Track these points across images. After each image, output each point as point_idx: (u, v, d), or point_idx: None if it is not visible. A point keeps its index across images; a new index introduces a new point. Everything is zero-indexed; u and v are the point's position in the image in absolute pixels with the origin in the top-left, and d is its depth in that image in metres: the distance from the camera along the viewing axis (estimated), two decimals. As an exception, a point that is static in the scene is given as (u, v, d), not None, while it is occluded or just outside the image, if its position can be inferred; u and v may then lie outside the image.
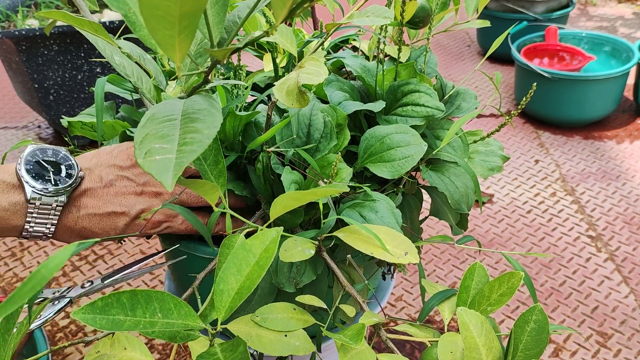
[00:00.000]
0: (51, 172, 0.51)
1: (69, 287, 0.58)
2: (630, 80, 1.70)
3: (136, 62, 0.53)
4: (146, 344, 0.95)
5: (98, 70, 1.40)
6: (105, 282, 0.59)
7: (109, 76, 0.63)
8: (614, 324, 0.98)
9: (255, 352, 0.59)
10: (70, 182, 0.51)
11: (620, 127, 1.57)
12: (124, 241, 0.70)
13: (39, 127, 1.63)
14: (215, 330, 0.41)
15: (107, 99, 0.66)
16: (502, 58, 1.92)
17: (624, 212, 1.25)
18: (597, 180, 1.35)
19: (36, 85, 1.35)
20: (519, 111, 0.58)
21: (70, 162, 0.53)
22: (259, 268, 0.40)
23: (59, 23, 1.27)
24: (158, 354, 0.94)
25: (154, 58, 0.66)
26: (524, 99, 0.58)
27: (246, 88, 0.62)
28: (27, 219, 0.50)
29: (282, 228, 0.42)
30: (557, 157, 1.45)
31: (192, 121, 0.34)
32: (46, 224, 0.52)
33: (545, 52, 1.69)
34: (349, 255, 0.55)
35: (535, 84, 0.64)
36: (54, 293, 0.58)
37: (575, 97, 1.50)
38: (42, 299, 0.57)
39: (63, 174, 0.52)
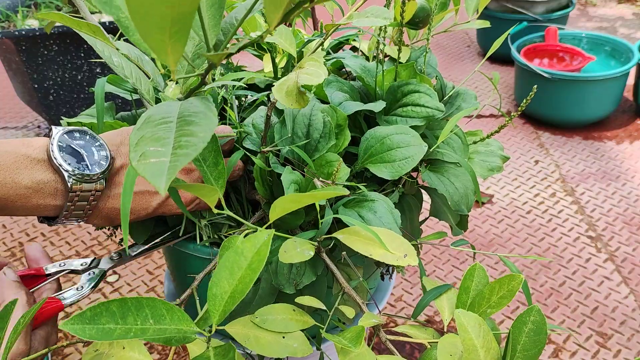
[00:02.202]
0: (85, 157, 0.48)
1: (94, 258, 0.57)
2: (630, 80, 1.70)
3: (134, 64, 0.53)
4: (145, 344, 0.95)
5: (98, 70, 1.40)
6: (134, 253, 0.58)
7: (109, 76, 0.63)
8: (613, 324, 0.98)
9: (253, 353, 0.59)
10: (106, 164, 0.48)
11: (620, 128, 1.57)
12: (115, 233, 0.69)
13: (38, 127, 1.63)
14: (210, 333, 0.41)
15: (107, 99, 0.66)
16: (502, 58, 1.92)
17: (623, 213, 1.24)
18: (597, 181, 1.35)
19: (36, 85, 1.35)
20: (519, 113, 0.58)
21: (99, 142, 0.50)
22: (251, 272, 0.40)
23: (59, 23, 1.26)
24: (158, 354, 0.94)
25: (153, 60, 0.66)
26: (525, 100, 0.58)
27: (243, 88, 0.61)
28: (66, 207, 0.47)
29: (273, 231, 0.41)
30: (557, 157, 1.45)
31: (187, 124, 0.33)
32: (83, 209, 0.49)
33: (545, 52, 1.69)
34: (344, 253, 0.54)
35: (535, 85, 0.64)
36: (82, 265, 0.56)
37: (575, 98, 1.50)
38: (67, 270, 0.55)
39: (96, 156, 0.49)
